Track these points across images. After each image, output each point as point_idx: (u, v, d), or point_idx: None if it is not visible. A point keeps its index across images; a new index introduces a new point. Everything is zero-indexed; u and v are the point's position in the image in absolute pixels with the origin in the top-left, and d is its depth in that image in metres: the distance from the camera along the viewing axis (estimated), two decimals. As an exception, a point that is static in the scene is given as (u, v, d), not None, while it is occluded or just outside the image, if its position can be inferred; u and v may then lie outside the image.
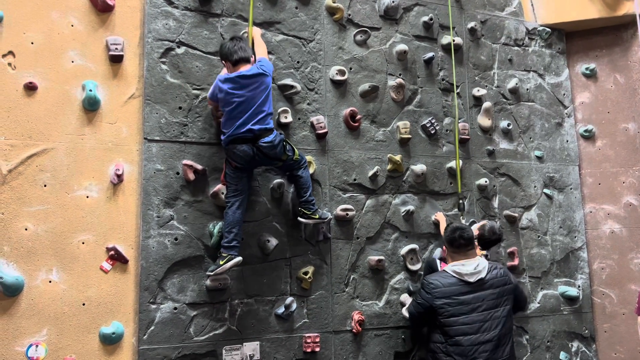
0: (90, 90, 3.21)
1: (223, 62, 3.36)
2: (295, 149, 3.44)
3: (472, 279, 3.19)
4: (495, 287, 3.23)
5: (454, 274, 3.23)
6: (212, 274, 3.21)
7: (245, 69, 3.23)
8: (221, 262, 3.18)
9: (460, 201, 4.23)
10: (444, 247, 3.78)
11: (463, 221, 4.17)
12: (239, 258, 3.21)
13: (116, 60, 3.35)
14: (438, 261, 3.82)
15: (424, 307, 3.29)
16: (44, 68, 3.19)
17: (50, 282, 3.06)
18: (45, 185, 3.11)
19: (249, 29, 3.58)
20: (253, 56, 3.39)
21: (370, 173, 3.95)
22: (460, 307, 3.15)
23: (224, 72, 3.35)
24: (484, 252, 3.85)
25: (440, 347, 3.21)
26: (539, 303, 4.47)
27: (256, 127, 3.17)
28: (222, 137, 3.25)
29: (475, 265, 3.24)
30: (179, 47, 3.50)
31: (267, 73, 3.27)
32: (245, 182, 3.32)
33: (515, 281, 3.40)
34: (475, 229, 3.86)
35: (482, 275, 3.22)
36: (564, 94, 4.96)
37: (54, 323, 3.04)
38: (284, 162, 3.38)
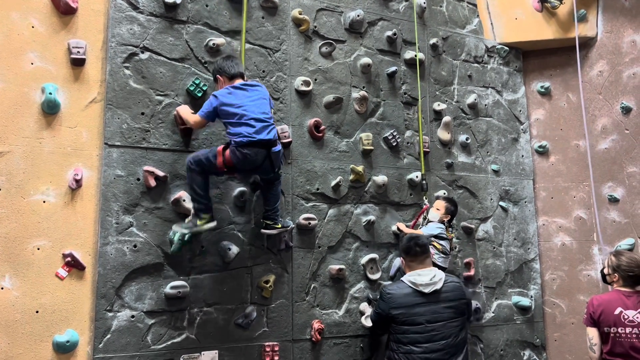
0: (50, 93, 3.15)
1: (218, 76, 3.34)
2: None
3: (427, 290, 3.26)
4: (449, 300, 3.31)
5: (410, 284, 3.30)
6: (188, 232, 3.26)
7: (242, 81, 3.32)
8: (199, 222, 3.23)
9: (424, 182, 4.34)
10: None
11: (425, 200, 4.28)
12: (215, 223, 3.28)
13: (78, 63, 3.29)
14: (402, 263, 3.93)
15: (381, 316, 3.37)
16: (1, 69, 3.11)
17: (2, 288, 2.97)
18: (-1, 189, 3.03)
19: (242, 45, 3.62)
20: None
21: (333, 183, 4.00)
22: (414, 317, 3.23)
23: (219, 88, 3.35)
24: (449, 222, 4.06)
25: (394, 355, 3.28)
26: (493, 313, 4.60)
27: (270, 136, 3.20)
28: (236, 139, 3.12)
29: (431, 276, 3.31)
30: (143, 52, 3.47)
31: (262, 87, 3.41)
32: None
33: (469, 296, 3.49)
34: (441, 200, 4.14)
35: (438, 286, 3.29)
36: (520, 110, 5.15)
37: (5, 331, 2.94)
38: (274, 174, 3.41)
